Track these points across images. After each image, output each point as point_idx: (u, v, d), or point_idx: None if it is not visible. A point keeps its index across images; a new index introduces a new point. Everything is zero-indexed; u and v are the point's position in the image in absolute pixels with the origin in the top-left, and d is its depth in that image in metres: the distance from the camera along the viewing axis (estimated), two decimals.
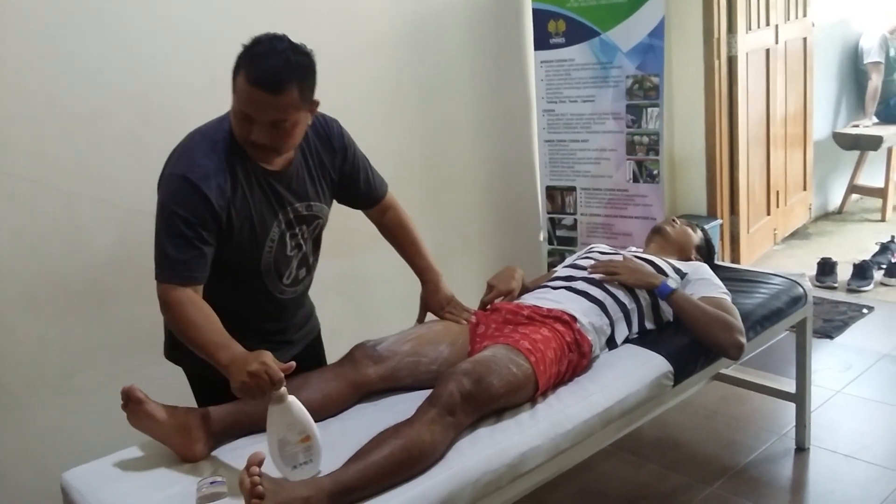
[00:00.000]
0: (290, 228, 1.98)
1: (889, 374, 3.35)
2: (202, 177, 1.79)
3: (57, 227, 2.40)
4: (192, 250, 1.79)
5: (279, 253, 1.98)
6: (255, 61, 1.74)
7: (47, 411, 2.44)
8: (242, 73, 1.74)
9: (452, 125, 3.51)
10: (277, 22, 2.81)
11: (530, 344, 1.99)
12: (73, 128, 2.41)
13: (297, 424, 1.65)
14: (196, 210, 1.79)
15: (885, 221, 5.48)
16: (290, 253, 2.01)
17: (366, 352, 2.05)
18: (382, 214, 2.28)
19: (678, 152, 4.47)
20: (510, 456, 1.77)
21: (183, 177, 1.80)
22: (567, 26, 3.53)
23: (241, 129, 1.81)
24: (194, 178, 1.79)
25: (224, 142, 1.85)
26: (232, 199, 1.84)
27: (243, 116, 1.78)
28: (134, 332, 2.56)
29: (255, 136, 1.78)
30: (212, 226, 1.81)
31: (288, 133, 1.81)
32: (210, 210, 1.80)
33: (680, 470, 2.77)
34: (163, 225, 1.80)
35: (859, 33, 5.72)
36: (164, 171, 1.87)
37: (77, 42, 2.38)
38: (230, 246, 1.88)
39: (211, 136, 1.87)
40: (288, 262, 2.02)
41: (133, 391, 1.75)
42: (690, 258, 2.66)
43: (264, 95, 1.73)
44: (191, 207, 1.78)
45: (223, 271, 1.88)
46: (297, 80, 1.76)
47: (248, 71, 1.73)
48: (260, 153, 1.84)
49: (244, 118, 1.78)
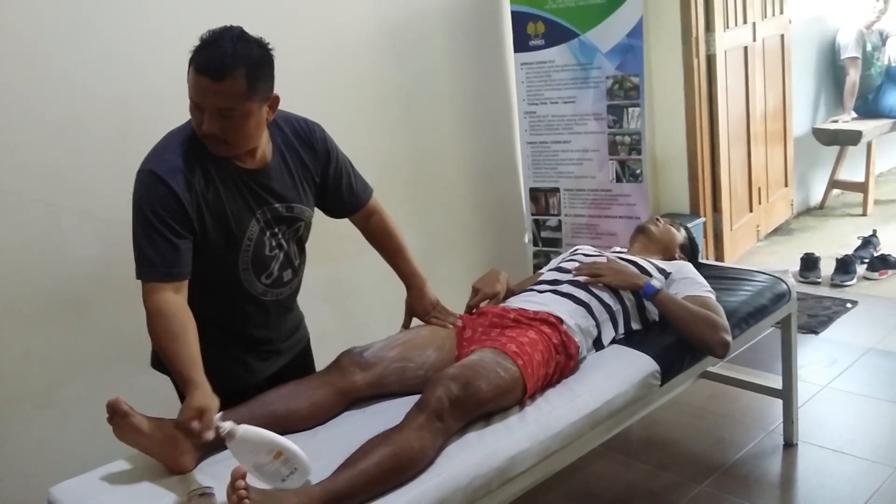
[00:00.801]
0: (269, 227, 1.97)
1: (874, 368, 3.37)
2: (168, 170, 1.80)
3: (37, 238, 2.38)
4: (167, 245, 1.79)
5: (257, 252, 1.96)
6: (202, 50, 1.76)
7: (32, 425, 2.42)
8: (192, 63, 1.76)
9: (434, 129, 3.51)
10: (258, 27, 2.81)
11: (517, 347, 1.99)
12: (52, 137, 2.38)
13: (260, 446, 1.64)
14: (166, 204, 1.78)
15: (867, 216, 5.52)
16: (270, 253, 2.00)
17: (353, 358, 2.04)
18: (367, 219, 2.26)
19: (660, 151, 4.49)
20: (500, 460, 1.77)
21: (150, 172, 1.81)
22: (546, 28, 3.54)
23: (195, 121, 1.81)
24: (160, 171, 1.79)
25: (196, 139, 1.85)
26: (203, 194, 1.84)
27: (194, 106, 1.79)
28: (118, 342, 2.54)
29: (206, 126, 1.78)
30: (182, 218, 1.80)
31: (239, 125, 1.80)
32: (178, 202, 1.79)
33: (670, 468, 2.78)
34: (138, 223, 1.81)
35: (836, 29, 5.76)
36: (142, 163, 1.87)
37: (55, 49, 2.36)
38: (206, 243, 1.87)
39: (183, 133, 1.88)
40: (268, 263, 2.00)
41: (118, 404, 1.73)
42: (675, 257, 2.66)
43: (208, 82, 1.73)
44: (161, 201, 1.78)
45: (203, 272, 1.88)
46: (243, 67, 1.75)
47: (195, 59, 1.75)
48: (213, 145, 1.83)
49: (195, 108, 1.79)
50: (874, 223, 5.10)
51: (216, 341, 1.90)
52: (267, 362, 2.11)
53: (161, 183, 1.79)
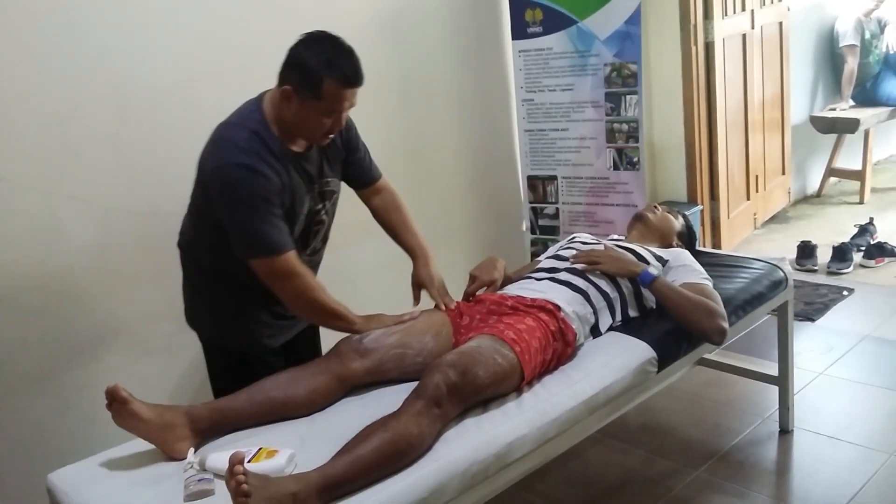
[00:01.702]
0: (316, 203, 2.13)
1: (870, 356, 3.38)
2: (257, 160, 1.93)
3: (34, 226, 2.38)
4: (281, 222, 1.97)
5: (307, 226, 2.13)
6: (337, 65, 1.92)
7: (30, 412, 2.43)
8: (329, 81, 1.91)
9: (432, 117, 3.50)
10: (255, 17, 2.82)
11: (515, 334, 1.99)
12: (49, 126, 2.38)
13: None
14: (268, 190, 1.94)
15: (864, 204, 5.52)
16: (316, 227, 2.17)
17: (351, 345, 2.05)
18: (377, 195, 2.37)
19: (657, 139, 4.49)
20: (497, 445, 1.78)
21: (243, 166, 1.92)
22: (544, 15, 3.53)
23: (320, 126, 1.98)
24: (253, 164, 1.92)
25: (258, 131, 1.97)
26: (282, 178, 1.98)
27: (329, 113, 1.96)
28: (115, 330, 2.55)
29: (336, 125, 2.00)
30: (278, 201, 1.97)
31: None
32: (275, 187, 1.95)
33: (666, 455, 2.79)
34: (249, 212, 1.92)
35: (834, 17, 5.75)
36: (207, 165, 1.99)
37: (52, 39, 2.35)
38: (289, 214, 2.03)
39: (244, 125, 1.99)
40: (314, 236, 2.18)
41: (117, 390, 1.75)
42: (672, 245, 2.67)
43: (354, 91, 1.97)
44: (263, 189, 1.93)
45: None
46: None
47: (336, 77, 1.91)
48: (321, 139, 2.04)
49: (328, 115, 1.96)
50: (871, 211, 5.10)
51: (243, 301, 2.11)
52: (287, 324, 2.24)
53: (257, 174, 1.92)
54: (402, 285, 2.34)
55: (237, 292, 2.10)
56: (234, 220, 1.96)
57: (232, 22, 2.75)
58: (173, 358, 2.66)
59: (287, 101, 1.95)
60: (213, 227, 2.02)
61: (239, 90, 2.70)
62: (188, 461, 1.69)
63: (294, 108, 1.95)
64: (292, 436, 1.84)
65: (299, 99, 1.93)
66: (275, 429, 1.88)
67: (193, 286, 2.23)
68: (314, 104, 1.93)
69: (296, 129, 2.01)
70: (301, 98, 1.93)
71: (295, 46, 1.96)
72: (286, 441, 1.78)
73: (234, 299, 2.13)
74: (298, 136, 2.03)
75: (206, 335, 2.24)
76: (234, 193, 1.93)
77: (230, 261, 2.01)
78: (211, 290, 2.17)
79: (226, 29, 2.73)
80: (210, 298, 2.19)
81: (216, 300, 2.17)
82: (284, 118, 1.99)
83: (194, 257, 2.18)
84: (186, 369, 2.67)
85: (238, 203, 1.93)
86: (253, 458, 1.67)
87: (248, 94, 2.14)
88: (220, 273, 2.11)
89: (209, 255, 2.13)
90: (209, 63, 2.69)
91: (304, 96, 1.92)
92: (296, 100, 1.93)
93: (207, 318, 2.21)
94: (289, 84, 1.93)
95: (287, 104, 1.95)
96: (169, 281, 2.30)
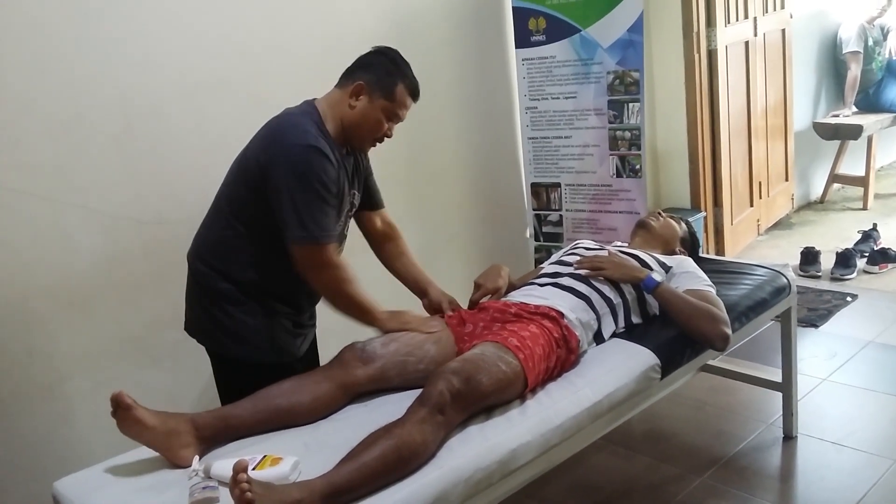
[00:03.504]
0: (351, 209, 2.23)
1: (874, 362, 3.38)
2: (324, 145, 2.01)
3: (41, 235, 2.39)
4: (333, 212, 2.05)
5: (343, 228, 2.22)
6: (408, 76, 2.12)
7: (37, 420, 2.44)
8: (402, 85, 2.09)
9: (436, 124, 3.51)
10: (257, 24, 2.83)
11: (518, 341, 2.00)
12: (56, 134, 2.39)
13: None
14: (331, 175, 2.02)
15: (867, 210, 5.52)
16: (346, 231, 2.25)
17: (354, 353, 2.05)
18: (380, 219, 2.41)
19: (661, 146, 4.49)
20: (501, 452, 1.78)
21: (311, 146, 1.99)
22: (547, 23, 3.54)
23: (378, 128, 2.12)
24: (319, 146, 2.00)
25: (318, 123, 2.06)
26: (337, 166, 2.06)
27: (391, 117, 2.11)
28: (121, 338, 2.56)
29: (389, 131, 2.15)
30: (338, 191, 2.06)
31: None
32: (337, 176, 2.04)
33: (670, 461, 2.79)
34: (307, 193, 1.98)
35: (837, 24, 5.77)
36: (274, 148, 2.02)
37: (58, 46, 2.37)
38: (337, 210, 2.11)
39: (304, 116, 2.07)
40: (344, 237, 2.25)
41: (121, 397, 1.76)
42: (675, 251, 2.67)
43: (412, 104, 2.15)
44: (327, 173, 2.00)
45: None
46: None
47: (407, 85, 2.11)
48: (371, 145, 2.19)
49: (389, 119, 2.11)
50: (874, 217, 5.10)
51: (274, 313, 2.14)
52: (304, 332, 2.28)
53: (326, 159, 2.00)
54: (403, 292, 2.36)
55: (269, 305, 2.13)
56: (297, 199, 1.98)
57: (237, 30, 2.76)
58: (179, 366, 2.66)
59: (355, 96, 2.08)
60: (262, 235, 2.07)
61: (245, 98, 2.73)
62: (193, 468, 1.70)
63: (360, 104, 2.08)
64: (296, 443, 1.84)
65: (369, 96, 2.08)
66: (279, 436, 1.88)
67: (212, 300, 2.14)
68: (383, 103, 2.08)
69: (354, 127, 2.11)
70: (371, 96, 2.08)
71: (369, 53, 2.14)
72: (290, 448, 1.79)
73: (263, 312, 2.13)
74: (352, 136, 2.13)
75: (222, 348, 2.18)
76: (305, 174, 1.97)
77: (274, 273, 2.09)
78: (239, 304, 2.11)
79: (231, 37, 2.75)
80: (235, 313, 2.12)
81: (244, 314, 2.12)
82: (344, 116, 2.10)
83: (223, 271, 2.12)
84: (192, 377, 2.67)
85: (306, 183, 1.98)
86: (257, 465, 1.68)
87: (254, 102, 2.17)
88: (256, 287, 2.11)
89: (252, 270, 2.10)
90: (215, 71, 2.71)
91: (375, 95, 2.07)
92: (365, 97, 2.08)
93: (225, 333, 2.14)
94: (362, 81, 2.08)
95: (354, 100, 2.08)
96: (174, 288, 2.30)
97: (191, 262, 2.21)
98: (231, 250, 2.12)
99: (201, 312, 2.19)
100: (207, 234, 2.18)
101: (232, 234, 2.11)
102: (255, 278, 2.10)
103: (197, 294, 2.20)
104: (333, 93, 2.14)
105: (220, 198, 2.17)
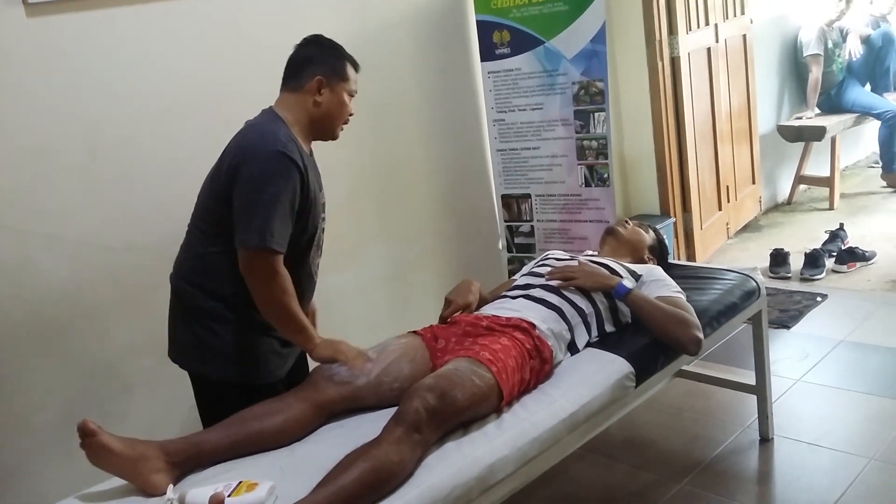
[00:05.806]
0: (323, 211, 2.20)
1: (846, 361, 3.42)
2: (294, 153, 2.01)
3: (6, 264, 2.36)
4: (289, 221, 2.00)
5: (320, 235, 2.21)
6: (344, 51, 2.18)
7: (7, 454, 2.39)
8: (347, 62, 2.16)
9: (405, 140, 3.52)
10: (224, 46, 2.82)
11: (491, 354, 2.00)
12: (19, 162, 2.36)
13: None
14: (294, 185, 1.99)
15: (834, 210, 5.59)
16: (322, 235, 2.23)
17: (326, 373, 2.04)
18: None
19: (628, 154, 4.53)
20: (479, 468, 1.78)
21: (279, 153, 1.98)
22: (511, 36, 3.57)
23: (346, 110, 2.17)
24: (289, 152, 1.99)
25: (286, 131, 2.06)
26: (309, 180, 2.06)
27: (351, 94, 2.17)
28: (92, 367, 2.53)
29: (352, 108, 2.19)
30: (302, 200, 2.03)
31: None
32: (303, 187, 2.02)
33: (650, 468, 2.80)
34: (267, 197, 1.95)
35: (797, 27, 5.85)
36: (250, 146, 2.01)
37: (22, 74, 2.34)
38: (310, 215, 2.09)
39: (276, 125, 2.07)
40: (321, 245, 2.24)
41: (86, 424, 1.74)
42: (644, 259, 2.69)
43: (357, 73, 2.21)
44: (292, 182, 1.99)
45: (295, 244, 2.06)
46: None
47: (349, 59, 2.17)
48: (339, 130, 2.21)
49: (351, 96, 2.17)
50: (841, 217, 5.17)
51: (262, 332, 2.10)
52: (291, 352, 2.23)
53: (294, 166, 1.99)
54: (379, 309, 2.34)
55: (256, 322, 2.08)
56: (256, 202, 1.95)
57: (203, 56, 2.75)
58: (154, 393, 2.63)
59: (317, 92, 2.10)
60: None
61: (211, 123, 2.71)
62: (167, 497, 1.68)
63: (325, 97, 2.11)
64: (272, 468, 1.82)
65: (330, 86, 2.11)
66: (255, 461, 1.86)
67: (199, 321, 2.10)
68: (343, 86, 2.13)
69: (326, 119, 2.14)
70: (331, 84, 2.11)
71: (302, 48, 2.17)
72: (266, 473, 1.77)
73: (251, 330, 2.09)
74: (325, 127, 2.16)
75: (205, 371, 2.13)
76: (270, 179, 1.96)
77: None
78: (226, 322, 2.08)
79: (197, 62, 2.73)
80: (222, 331, 2.08)
81: (232, 333, 2.08)
82: (311, 114, 2.12)
83: (209, 289, 2.08)
84: (168, 405, 2.63)
85: (269, 188, 1.95)
86: (233, 492, 1.66)
87: (220, 127, 2.15)
88: (243, 303, 2.04)
89: (238, 286, 2.03)
90: (181, 96, 2.69)
91: (334, 82, 2.12)
92: (327, 88, 2.11)
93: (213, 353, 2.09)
94: (319, 75, 2.10)
95: (318, 96, 2.11)
96: (145, 314, 2.28)
97: (174, 282, 2.16)
98: (215, 267, 2.08)
99: (187, 334, 2.13)
100: (188, 255, 2.15)
101: (214, 251, 2.07)
102: (242, 293, 2.04)
103: (182, 315, 2.14)
104: (287, 97, 2.13)
105: (195, 220, 2.14)
